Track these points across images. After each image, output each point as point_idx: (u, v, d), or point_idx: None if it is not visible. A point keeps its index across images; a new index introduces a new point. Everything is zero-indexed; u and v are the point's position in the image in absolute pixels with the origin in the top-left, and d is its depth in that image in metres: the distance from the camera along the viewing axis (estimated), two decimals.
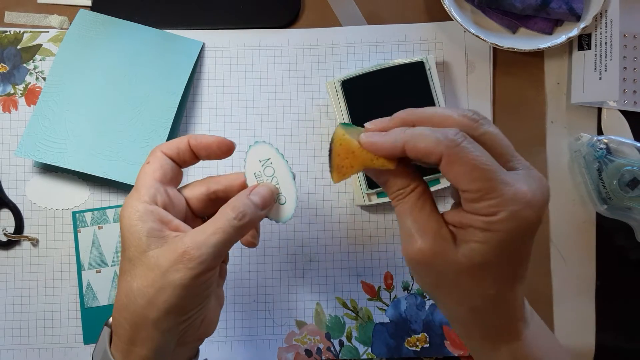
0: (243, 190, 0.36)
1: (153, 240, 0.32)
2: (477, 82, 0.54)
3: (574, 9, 0.51)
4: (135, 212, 0.33)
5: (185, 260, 0.31)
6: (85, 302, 0.51)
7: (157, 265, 0.32)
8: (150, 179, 0.35)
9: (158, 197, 0.35)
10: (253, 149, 0.37)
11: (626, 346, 0.52)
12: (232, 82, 0.54)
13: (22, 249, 0.52)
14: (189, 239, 0.32)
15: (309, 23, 0.55)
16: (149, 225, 0.33)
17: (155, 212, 0.34)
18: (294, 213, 0.37)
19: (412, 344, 0.51)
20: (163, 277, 0.32)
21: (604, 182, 0.50)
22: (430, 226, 0.31)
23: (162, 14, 0.55)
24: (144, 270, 0.32)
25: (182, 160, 0.37)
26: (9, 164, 0.53)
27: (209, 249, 0.32)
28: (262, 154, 0.37)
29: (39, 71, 0.54)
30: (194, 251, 0.32)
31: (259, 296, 0.52)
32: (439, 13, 0.53)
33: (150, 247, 0.32)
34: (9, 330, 0.51)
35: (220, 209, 0.34)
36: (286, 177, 0.37)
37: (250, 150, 0.37)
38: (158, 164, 0.36)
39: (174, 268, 0.31)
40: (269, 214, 0.37)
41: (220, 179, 0.38)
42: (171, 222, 0.34)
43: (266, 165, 0.37)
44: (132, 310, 0.32)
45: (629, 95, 0.53)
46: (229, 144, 0.37)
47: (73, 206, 0.53)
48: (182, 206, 0.37)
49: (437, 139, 0.29)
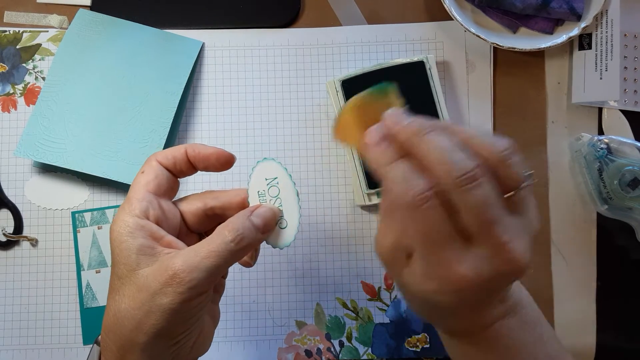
0: (244, 210, 0.34)
1: (143, 259, 0.31)
2: (477, 82, 0.54)
3: (575, 9, 0.51)
4: (126, 227, 0.32)
5: (174, 283, 0.30)
6: (85, 303, 0.51)
7: (146, 286, 0.30)
8: (143, 191, 0.33)
9: (150, 211, 0.33)
10: (260, 166, 0.35)
11: (627, 346, 0.52)
12: (232, 81, 0.54)
13: (22, 249, 0.52)
14: (180, 261, 0.30)
15: (309, 23, 0.55)
16: (139, 241, 0.31)
17: (147, 227, 0.32)
18: (293, 240, 0.35)
19: (412, 344, 0.51)
20: (151, 300, 0.30)
21: (605, 182, 0.50)
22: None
23: (161, 14, 0.55)
24: (133, 290, 0.31)
25: (179, 171, 0.35)
26: (8, 164, 0.53)
27: (201, 273, 0.30)
28: (269, 172, 0.35)
29: (38, 71, 0.54)
30: (185, 275, 0.30)
31: (259, 296, 0.52)
32: (439, 12, 0.53)
33: (140, 266, 0.31)
34: (9, 330, 0.51)
35: (218, 228, 0.32)
36: (291, 199, 0.35)
37: (258, 166, 0.35)
38: (153, 174, 0.34)
39: (162, 291, 0.30)
40: (268, 237, 0.35)
41: (219, 194, 0.36)
42: (163, 237, 0.32)
43: (272, 184, 0.35)
44: (119, 333, 0.31)
45: (629, 95, 0.53)
46: (228, 156, 0.35)
47: (72, 206, 0.52)
48: (176, 220, 0.35)
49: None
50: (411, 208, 0.27)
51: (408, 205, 0.27)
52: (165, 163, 0.35)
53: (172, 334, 0.31)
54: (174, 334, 0.32)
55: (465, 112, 0.53)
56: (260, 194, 0.35)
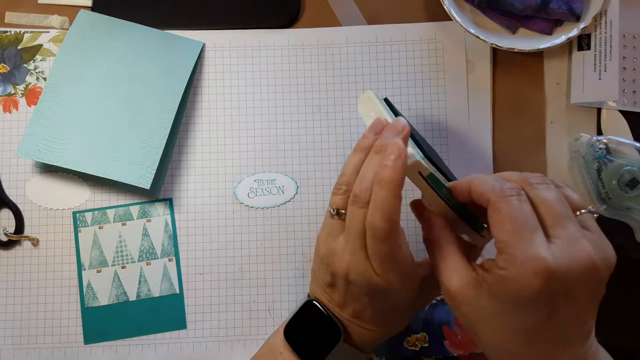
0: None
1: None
2: (477, 82, 0.54)
3: (574, 9, 0.51)
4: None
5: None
6: (86, 302, 0.51)
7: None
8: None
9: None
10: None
11: (626, 346, 0.52)
12: (233, 82, 0.54)
13: (23, 249, 0.52)
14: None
15: (309, 23, 0.55)
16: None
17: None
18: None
19: (411, 343, 0.51)
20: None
21: (604, 182, 0.50)
22: (465, 265, 0.35)
23: (162, 14, 0.55)
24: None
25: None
26: (10, 164, 0.53)
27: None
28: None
29: (39, 71, 0.54)
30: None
31: (259, 296, 0.52)
32: (438, 13, 0.53)
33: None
34: (9, 330, 0.51)
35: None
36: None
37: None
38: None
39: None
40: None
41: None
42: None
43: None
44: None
45: (628, 96, 0.53)
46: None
47: (73, 206, 0.53)
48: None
49: (492, 186, 0.33)
50: (501, 195, 0.32)
51: (498, 193, 0.33)
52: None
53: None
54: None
55: (464, 112, 0.54)
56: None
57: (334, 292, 0.40)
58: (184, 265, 0.52)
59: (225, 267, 0.52)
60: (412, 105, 0.54)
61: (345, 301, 0.39)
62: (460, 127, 0.53)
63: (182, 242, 0.52)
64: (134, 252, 0.52)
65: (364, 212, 0.35)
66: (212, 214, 0.53)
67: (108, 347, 0.51)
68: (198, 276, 0.52)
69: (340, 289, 0.39)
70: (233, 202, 0.53)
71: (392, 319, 0.41)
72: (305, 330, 0.41)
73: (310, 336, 0.41)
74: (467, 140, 0.53)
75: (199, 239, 0.52)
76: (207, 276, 0.52)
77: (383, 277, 0.36)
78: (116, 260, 0.52)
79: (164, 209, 0.53)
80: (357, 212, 0.36)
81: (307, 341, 0.41)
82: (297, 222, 0.53)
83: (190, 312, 0.52)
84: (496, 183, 0.33)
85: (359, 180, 0.36)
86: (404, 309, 0.42)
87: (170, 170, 0.53)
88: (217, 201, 0.53)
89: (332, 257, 0.38)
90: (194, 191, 0.53)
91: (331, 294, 0.40)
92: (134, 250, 0.52)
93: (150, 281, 0.52)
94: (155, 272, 0.52)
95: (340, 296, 0.39)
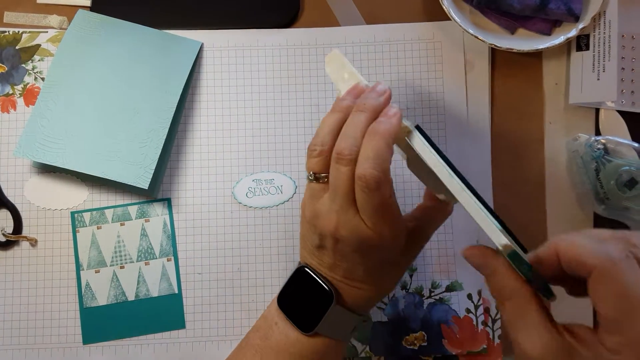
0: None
1: None
2: (475, 82, 0.54)
3: (573, 10, 0.51)
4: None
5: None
6: (84, 302, 0.52)
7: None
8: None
9: None
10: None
11: None
12: (231, 82, 0.54)
13: (21, 249, 0.52)
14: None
15: (308, 23, 0.55)
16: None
17: None
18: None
19: (410, 342, 0.51)
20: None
21: (602, 183, 0.50)
22: (547, 325, 0.31)
23: (160, 14, 0.55)
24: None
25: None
26: (8, 164, 0.53)
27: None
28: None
29: (37, 71, 0.54)
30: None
31: (258, 295, 0.52)
32: (437, 13, 0.53)
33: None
34: (8, 330, 0.51)
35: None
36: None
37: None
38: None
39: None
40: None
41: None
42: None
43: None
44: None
45: (626, 96, 0.53)
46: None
47: (72, 206, 0.53)
48: None
49: (594, 250, 0.28)
50: (609, 262, 0.27)
51: (605, 259, 0.28)
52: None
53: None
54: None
55: (463, 113, 0.54)
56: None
57: (323, 254, 0.39)
58: (182, 265, 0.52)
59: (224, 267, 0.52)
60: (410, 105, 0.54)
61: (335, 262, 0.39)
62: (458, 127, 0.54)
63: (181, 242, 0.52)
64: (133, 252, 0.52)
65: (350, 169, 0.35)
66: (210, 214, 0.53)
67: (107, 347, 0.51)
68: (197, 276, 0.52)
69: (329, 250, 0.38)
70: (231, 202, 0.53)
71: (382, 276, 0.41)
72: (298, 297, 0.41)
73: (304, 302, 0.40)
74: (465, 140, 0.53)
75: (197, 238, 0.52)
76: (205, 276, 0.52)
77: (375, 229, 0.36)
78: (115, 260, 0.52)
79: (163, 209, 0.53)
80: (342, 169, 0.35)
81: (300, 308, 0.40)
82: (295, 222, 0.53)
83: (189, 311, 0.52)
84: (597, 246, 0.28)
85: (342, 138, 0.36)
86: (393, 266, 0.41)
87: (169, 170, 0.53)
88: (216, 201, 0.53)
89: (318, 219, 0.37)
90: (193, 191, 0.53)
91: (320, 257, 0.40)
92: (132, 250, 0.52)
93: (148, 281, 0.52)
94: (153, 272, 0.52)
95: (329, 257, 0.39)
